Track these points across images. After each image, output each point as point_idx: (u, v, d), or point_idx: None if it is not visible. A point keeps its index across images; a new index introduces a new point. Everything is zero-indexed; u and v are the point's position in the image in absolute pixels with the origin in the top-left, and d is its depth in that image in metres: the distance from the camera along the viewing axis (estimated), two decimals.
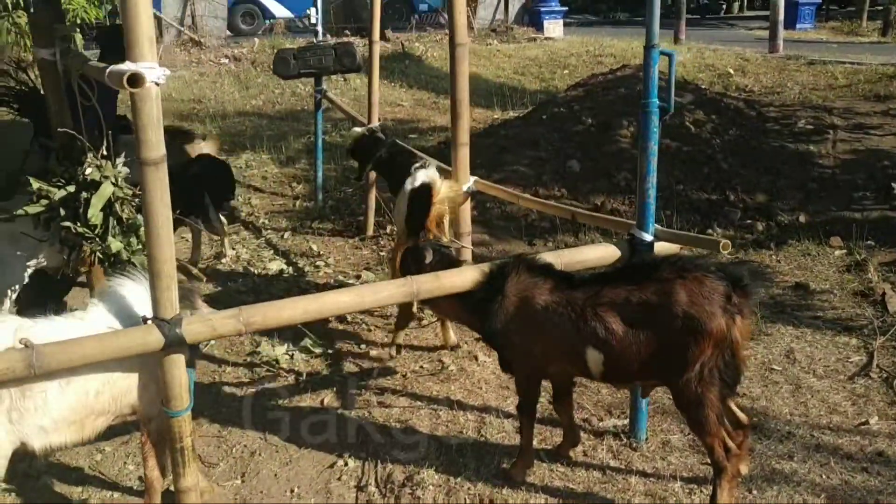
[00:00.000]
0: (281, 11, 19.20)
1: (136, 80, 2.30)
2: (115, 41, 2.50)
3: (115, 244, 3.31)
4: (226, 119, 11.11)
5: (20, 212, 3.42)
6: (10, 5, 11.74)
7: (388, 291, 3.01)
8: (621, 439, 3.68)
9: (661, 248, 3.40)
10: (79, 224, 3.32)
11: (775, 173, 7.28)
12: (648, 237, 3.37)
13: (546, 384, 3.54)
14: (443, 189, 4.20)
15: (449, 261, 3.53)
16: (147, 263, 2.62)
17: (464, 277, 3.18)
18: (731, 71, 12.56)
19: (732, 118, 8.28)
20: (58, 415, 2.66)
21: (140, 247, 3.38)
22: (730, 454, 3.02)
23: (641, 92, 3.28)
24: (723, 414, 3.00)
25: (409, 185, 4.34)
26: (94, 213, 3.25)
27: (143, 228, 3.36)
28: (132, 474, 3.54)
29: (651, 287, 2.94)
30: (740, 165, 7.38)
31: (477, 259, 4.68)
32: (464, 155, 4.81)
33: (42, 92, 4.75)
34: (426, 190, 4.18)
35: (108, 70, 2.40)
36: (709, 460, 3.08)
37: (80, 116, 3.69)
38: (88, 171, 3.24)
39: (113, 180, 3.31)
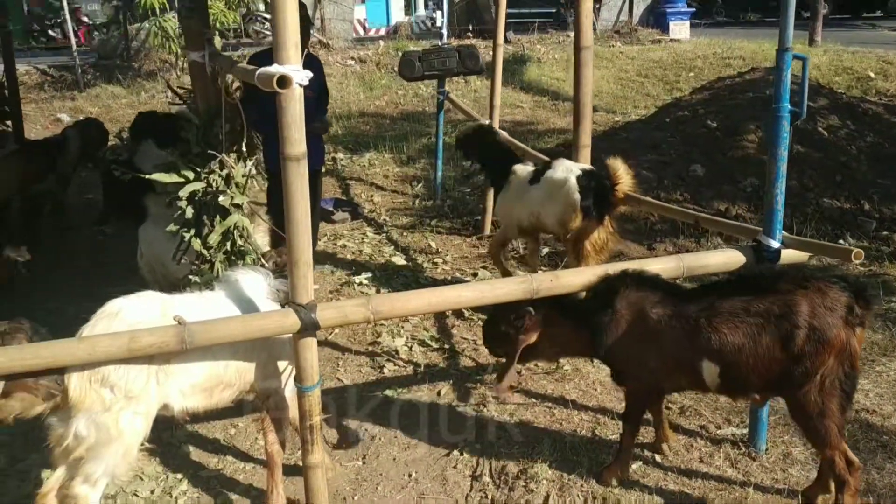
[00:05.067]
0: None
1: (284, 82, 2.48)
2: None
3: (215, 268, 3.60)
4: (350, 119, 11.52)
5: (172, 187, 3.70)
6: (157, 10, 12.66)
7: (508, 288, 3.09)
8: (740, 448, 3.62)
9: (788, 255, 3.33)
10: (199, 241, 3.63)
11: None
12: (775, 244, 3.30)
13: None
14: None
15: None
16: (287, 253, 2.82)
17: (583, 277, 3.22)
18: (872, 74, 11.89)
19: (870, 124, 7.86)
20: (195, 380, 2.91)
21: None
22: (852, 468, 2.93)
23: (772, 96, 3.22)
24: (843, 426, 2.92)
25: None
26: (215, 238, 3.55)
27: (248, 256, 3.66)
28: (262, 448, 3.78)
29: (770, 297, 2.91)
30: (877, 174, 7.00)
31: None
32: (585, 157, 4.87)
33: None
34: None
35: (257, 73, 2.60)
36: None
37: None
38: (221, 199, 3.51)
39: (243, 207, 3.54)
